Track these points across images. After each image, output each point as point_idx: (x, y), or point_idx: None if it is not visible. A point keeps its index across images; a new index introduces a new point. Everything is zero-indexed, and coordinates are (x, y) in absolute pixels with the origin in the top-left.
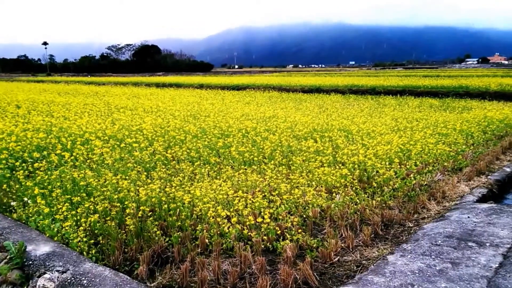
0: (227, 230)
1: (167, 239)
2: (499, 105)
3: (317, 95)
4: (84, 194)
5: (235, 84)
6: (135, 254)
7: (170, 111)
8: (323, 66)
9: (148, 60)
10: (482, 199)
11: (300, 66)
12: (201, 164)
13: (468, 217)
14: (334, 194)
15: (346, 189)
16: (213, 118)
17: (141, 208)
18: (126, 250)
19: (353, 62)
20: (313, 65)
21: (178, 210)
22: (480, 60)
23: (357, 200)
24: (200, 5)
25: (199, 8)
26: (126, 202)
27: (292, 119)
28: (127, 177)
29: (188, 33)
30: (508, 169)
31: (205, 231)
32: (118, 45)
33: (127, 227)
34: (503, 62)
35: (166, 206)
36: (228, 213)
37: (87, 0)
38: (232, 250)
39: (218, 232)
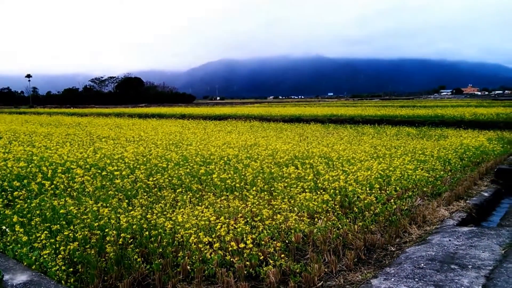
0: (209, 256)
1: (148, 266)
2: (474, 133)
3: (297, 124)
4: (64, 222)
5: (217, 114)
6: (115, 282)
7: (152, 140)
8: (302, 97)
9: (131, 92)
10: (462, 223)
11: (280, 97)
12: (183, 191)
13: (450, 240)
14: (316, 219)
15: (328, 214)
16: (195, 146)
17: (122, 235)
18: (105, 278)
19: (332, 94)
20: (293, 96)
21: (159, 237)
22: (454, 91)
23: (339, 225)
24: (182, 38)
25: (181, 41)
26: (106, 230)
27: (273, 147)
28: (108, 205)
29: (171, 66)
30: (486, 194)
31: (187, 257)
32: (102, 77)
33: (107, 254)
34: (476, 92)
35: (147, 233)
36: (210, 239)
37: (71, 33)
38: (214, 277)
39: (200, 259)
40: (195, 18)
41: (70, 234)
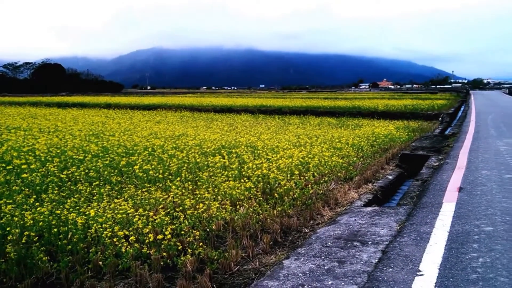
0: (124, 250)
1: (55, 264)
2: (385, 123)
3: (228, 114)
4: None
5: (146, 104)
6: (14, 283)
7: (71, 131)
8: (235, 88)
9: (50, 80)
10: (368, 204)
11: (213, 88)
12: (101, 184)
13: (355, 219)
14: (238, 207)
15: (250, 201)
16: (118, 137)
17: (26, 233)
18: (4, 280)
19: (263, 85)
20: (226, 87)
21: (70, 233)
22: (371, 84)
23: (260, 211)
24: (109, 24)
25: (108, 27)
26: (8, 228)
27: (202, 137)
28: (12, 201)
29: (96, 52)
30: (390, 177)
31: (99, 253)
32: (16, 63)
33: (7, 255)
34: (390, 86)
35: (56, 229)
36: (127, 233)
37: None
38: (129, 271)
39: (114, 253)
40: (123, 4)
41: None
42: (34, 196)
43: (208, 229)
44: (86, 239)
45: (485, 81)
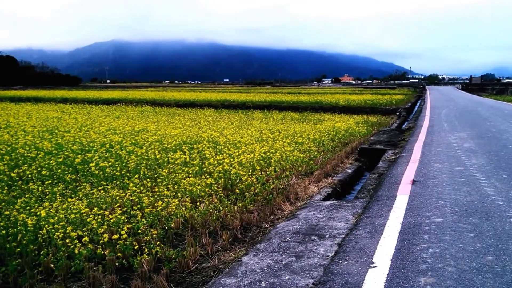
0: (77, 252)
1: (3, 268)
2: (345, 117)
3: (191, 109)
4: None
5: (105, 98)
6: None
7: (23, 127)
8: (199, 82)
9: (2, 73)
10: (327, 198)
11: (176, 82)
12: (54, 183)
13: (314, 213)
14: (198, 203)
15: (211, 198)
16: (74, 133)
17: None
18: None
19: (227, 80)
20: (189, 82)
21: (19, 235)
22: (333, 80)
23: (220, 207)
24: (65, 15)
25: (63, 18)
26: None
27: (163, 132)
28: None
29: (51, 44)
30: (349, 171)
31: (50, 255)
32: None
33: None
34: (351, 82)
35: (4, 231)
36: (81, 233)
37: None
38: (82, 273)
39: (67, 255)
40: None
41: None
42: None
43: (166, 227)
44: (37, 240)
45: (440, 77)
